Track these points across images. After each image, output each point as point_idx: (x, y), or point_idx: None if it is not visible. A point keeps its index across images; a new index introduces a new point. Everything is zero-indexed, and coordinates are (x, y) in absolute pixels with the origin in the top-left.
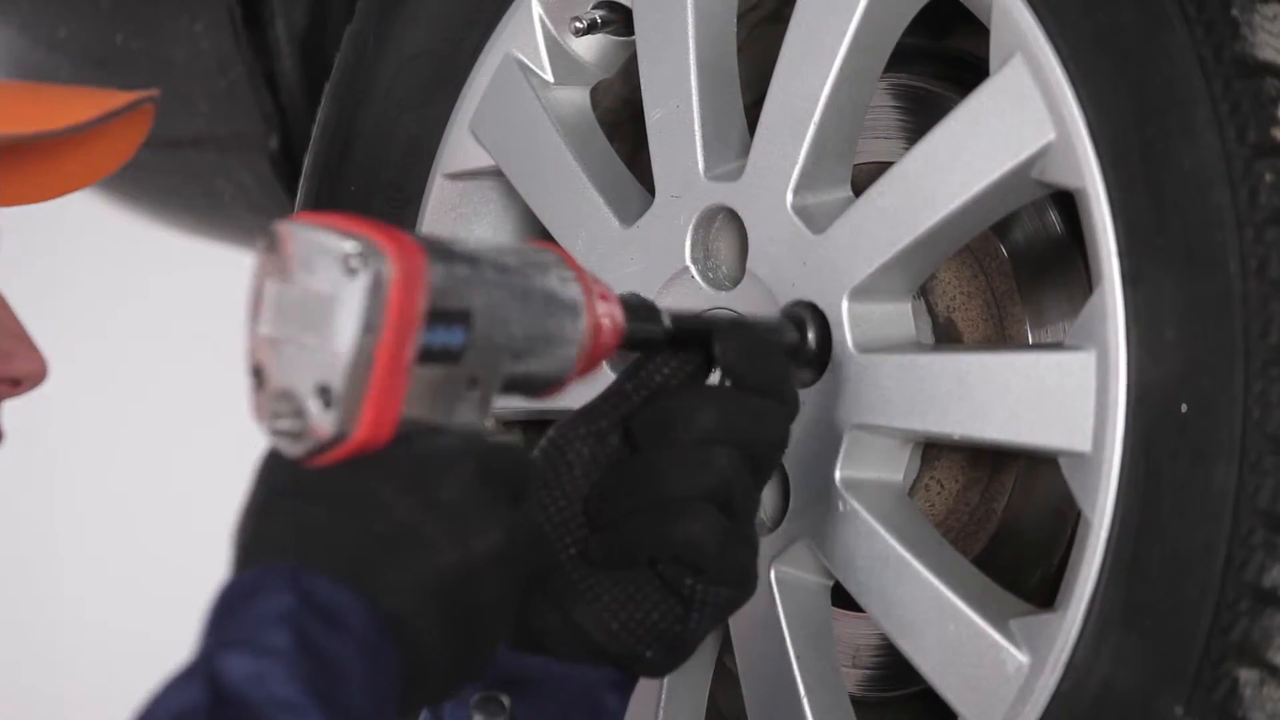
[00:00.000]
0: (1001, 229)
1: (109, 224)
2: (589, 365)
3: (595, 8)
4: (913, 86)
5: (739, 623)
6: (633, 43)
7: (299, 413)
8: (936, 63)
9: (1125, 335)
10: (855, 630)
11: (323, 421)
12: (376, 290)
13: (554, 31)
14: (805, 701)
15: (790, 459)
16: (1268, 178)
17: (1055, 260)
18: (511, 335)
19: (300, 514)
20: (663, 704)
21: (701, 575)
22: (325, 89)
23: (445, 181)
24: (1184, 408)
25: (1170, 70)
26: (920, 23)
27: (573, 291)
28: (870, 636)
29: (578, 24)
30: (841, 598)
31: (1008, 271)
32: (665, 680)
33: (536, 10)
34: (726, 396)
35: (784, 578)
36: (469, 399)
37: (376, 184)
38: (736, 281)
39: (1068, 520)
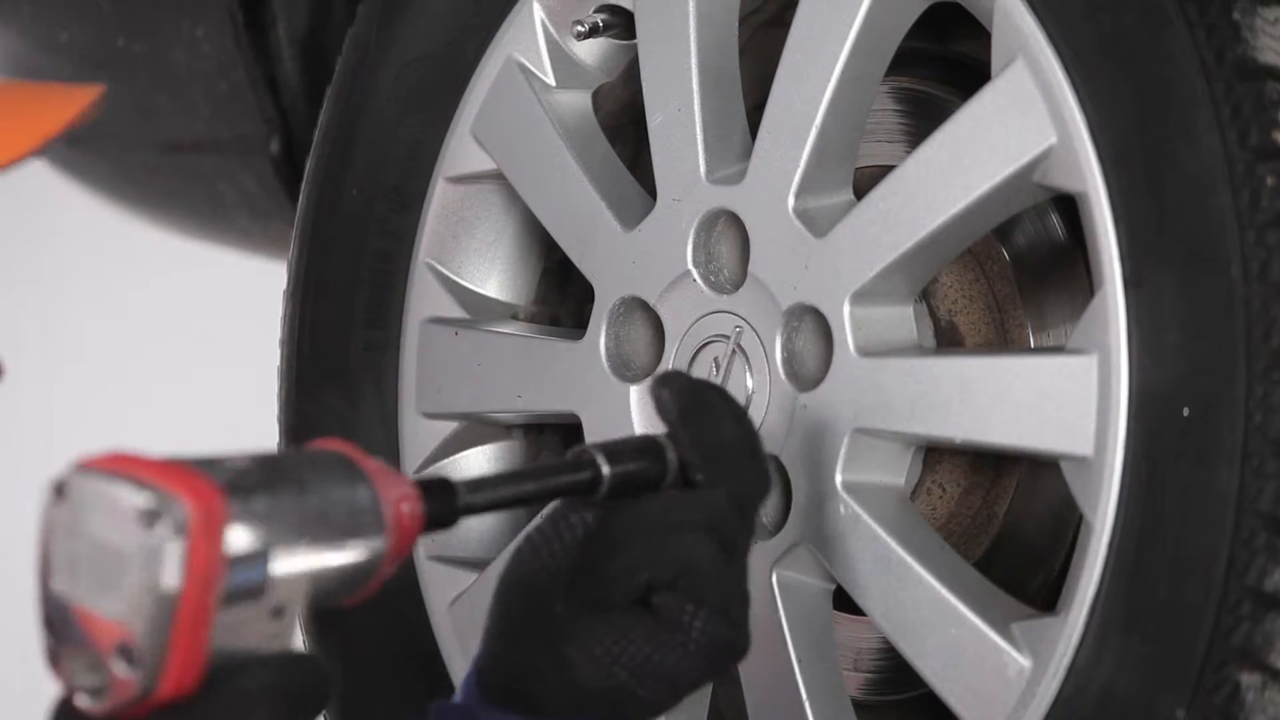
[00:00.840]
0: (1003, 232)
1: (110, 227)
2: (396, 559)
3: (597, 11)
4: (915, 90)
5: None
6: (634, 46)
7: (99, 669)
8: (938, 66)
9: (1127, 339)
10: (857, 634)
11: (126, 679)
12: (174, 547)
13: (555, 35)
14: (807, 705)
15: (792, 463)
16: (1269, 181)
17: (1057, 263)
18: (315, 558)
19: None
20: None
21: (701, 603)
22: (327, 92)
23: (447, 185)
24: (1186, 411)
25: (1172, 73)
26: (922, 26)
27: (369, 495)
28: (872, 640)
29: (579, 28)
30: (843, 601)
31: (1009, 275)
32: None
33: (538, 14)
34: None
35: (785, 581)
36: (274, 627)
37: (378, 187)
38: (738, 285)
39: (1069, 524)
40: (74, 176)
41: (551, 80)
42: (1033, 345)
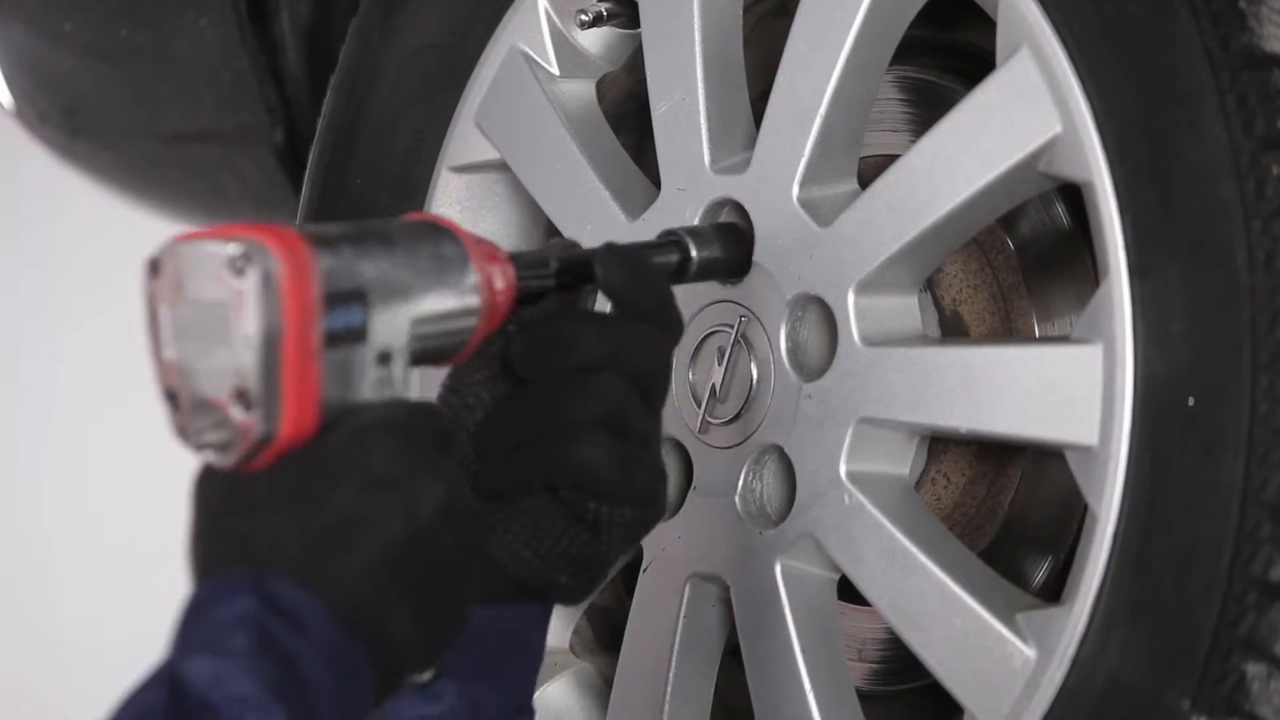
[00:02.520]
0: (1008, 222)
1: (113, 217)
2: (490, 324)
3: (601, 0)
4: (919, 79)
5: (745, 616)
6: (638, 35)
7: (222, 423)
8: (943, 56)
9: (1132, 328)
10: (861, 624)
11: (248, 425)
12: (268, 285)
13: (559, 24)
14: (811, 696)
15: (796, 453)
16: (1275, 170)
17: (1061, 253)
18: (410, 304)
19: (246, 523)
20: (668, 699)
21: (603, 499)
22: (330, 82)
23: (450, 174)
24: (1191, 401)
25: (1177, 62)
26: (927, 15)
27: (459, 252)
28: (876, 630)
29: (583, 16)
30: (847, 592)
31: (1014, 264)
32: (671, 675)
33: (542, 3)
34: (605, 322)
35: (790, 572)
36: (383, 374)
37: (381, 177)
38: (742, 276)
39: (1074, 514)
40: (77, 166)
41: (555, 69)
42: (1037, 335)
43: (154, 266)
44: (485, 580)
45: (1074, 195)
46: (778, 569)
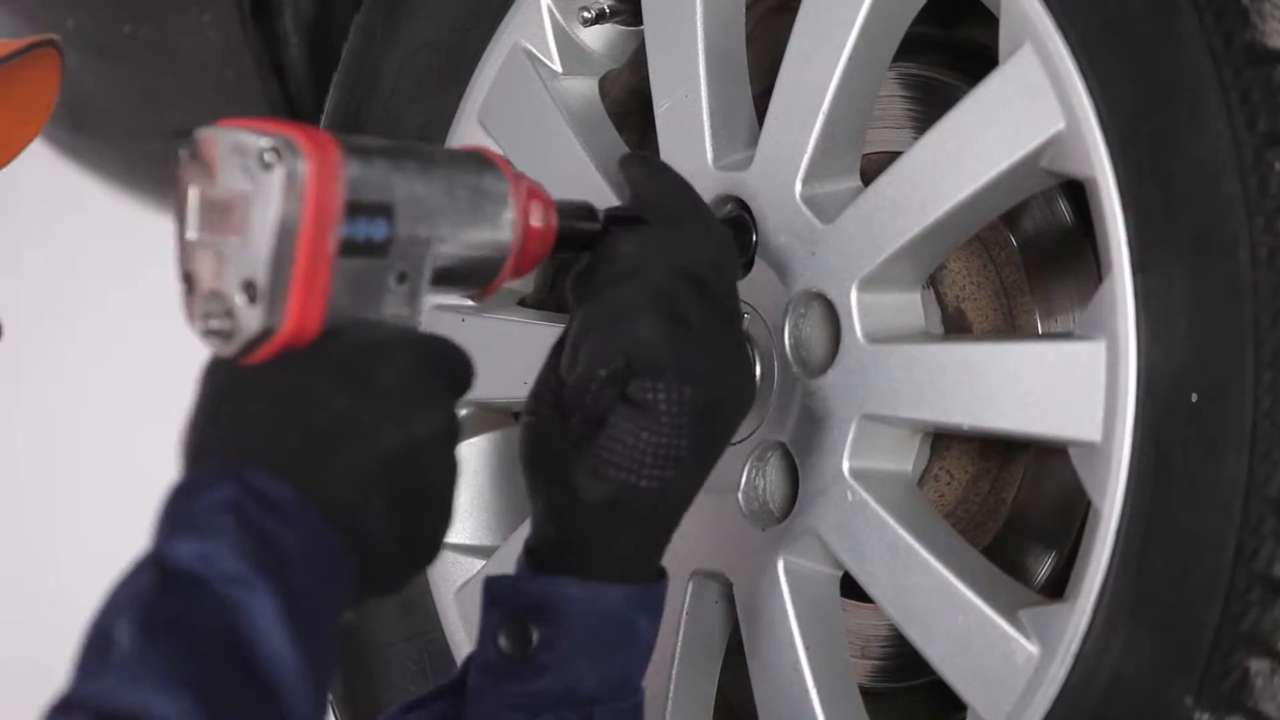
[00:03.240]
0: (1011, 219)
1: (117, 214)
2: (522, 263)
3: None
4: (922, 76)
5: (747, 613)
6: (641, 33)
7: (228, 311)
8: (946, 52)
9: (1135, 324)
10: (865, 621)
11: (250, 316)
12: (292, 182)
13: (562, 21)
14: (813, 692)
15: (799, 449)
16: (1278, 166)
17: (1065, 250)
18: (437, 228)
19: (240, 414)
20: (671, 695)
21: (658, 376)
22: (333, 79)
23: None
24: (1194, 397)
25: (1180, 58)
26: (930, 12)
27: (500, 187)
28: (880, 627)
29: (586, 14)
30: (851, 589)
31: (1017, 261)
32: (674, 672)
33: (545, 0)
34: (645, 232)
35: (793, 568)
36: (398, 293)
37: None
38: (745, 271)
39: (1078, 510)
40: (80, 163)
41: (558, 66)
42: (1040, 331)
43: (191, 149)
44: (576, 523)
45: (1077, 192)
46: (780, 566)
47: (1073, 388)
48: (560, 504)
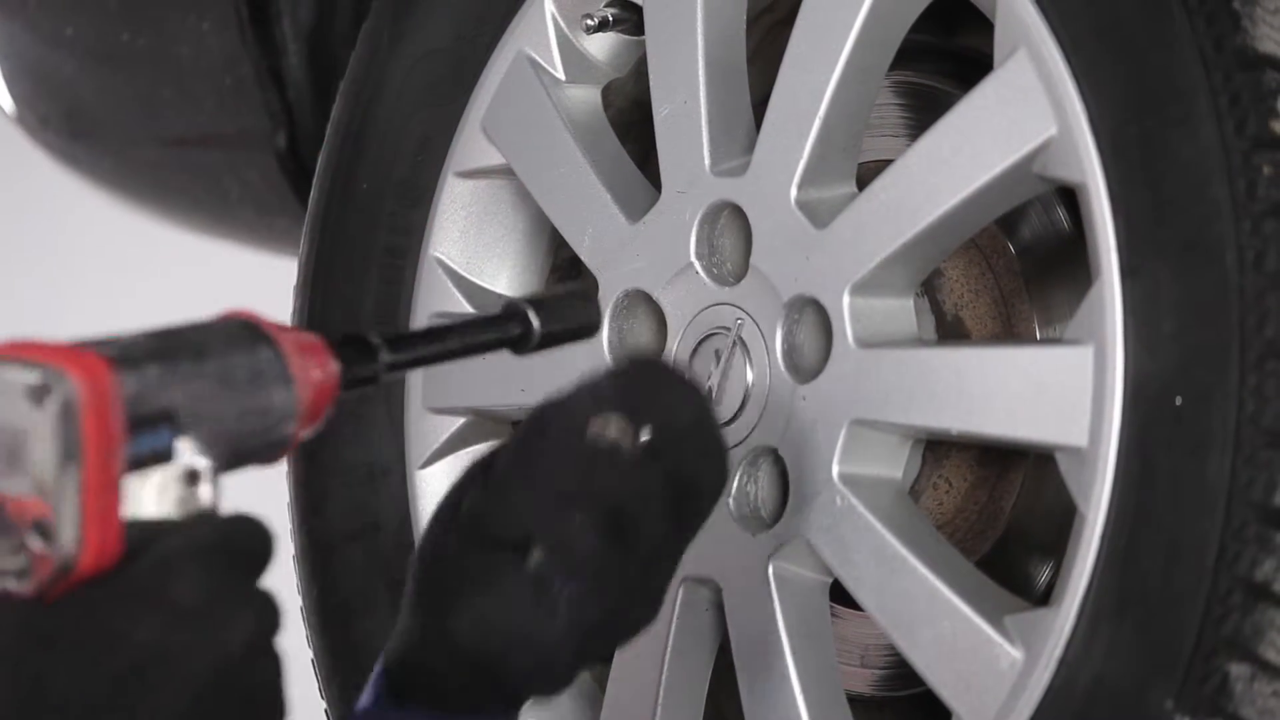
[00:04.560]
0: (1009, 226)
1: (115, 222)
2: (312, 420)
3: (607, 5)
4: (920, 85)
5: (736, 619)
6: (644, 42)
7: (19, 549)
8: (944, 60)
9: (1123, 329)
10: (863, 630)
11: (46, 553)
12: (68, 415)
13: (566, 29)
14: (801, 699)
15: (790, 454)
16: (1266, 170)
17: (1063, 257)
18: (221, 420)
19: (41, 664)
20: (661, 702)
21: (571, 576)
22: (340, 86)
23: (456, 180)
24: (1179, 400)
25: (1170, 62)
26: (927, 20)
27: (274, 360)
28: (878, 636)
29: (589, 21)
30: (850, 597)
31: (1015, 269)
32: (664, 678)
33: (549, 8)
34: (655, 407)
35: (782, 574)
36: (192, 492)
37: (388, 182)
38: (740, 277)
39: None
40: (78, 171)
41: (561, 75)
42: (1039, 338)
43: None
44: (442, 660)
45: (1074, 199)
46: (770, 571)
47: (1060, 393)
48: (435, 639)
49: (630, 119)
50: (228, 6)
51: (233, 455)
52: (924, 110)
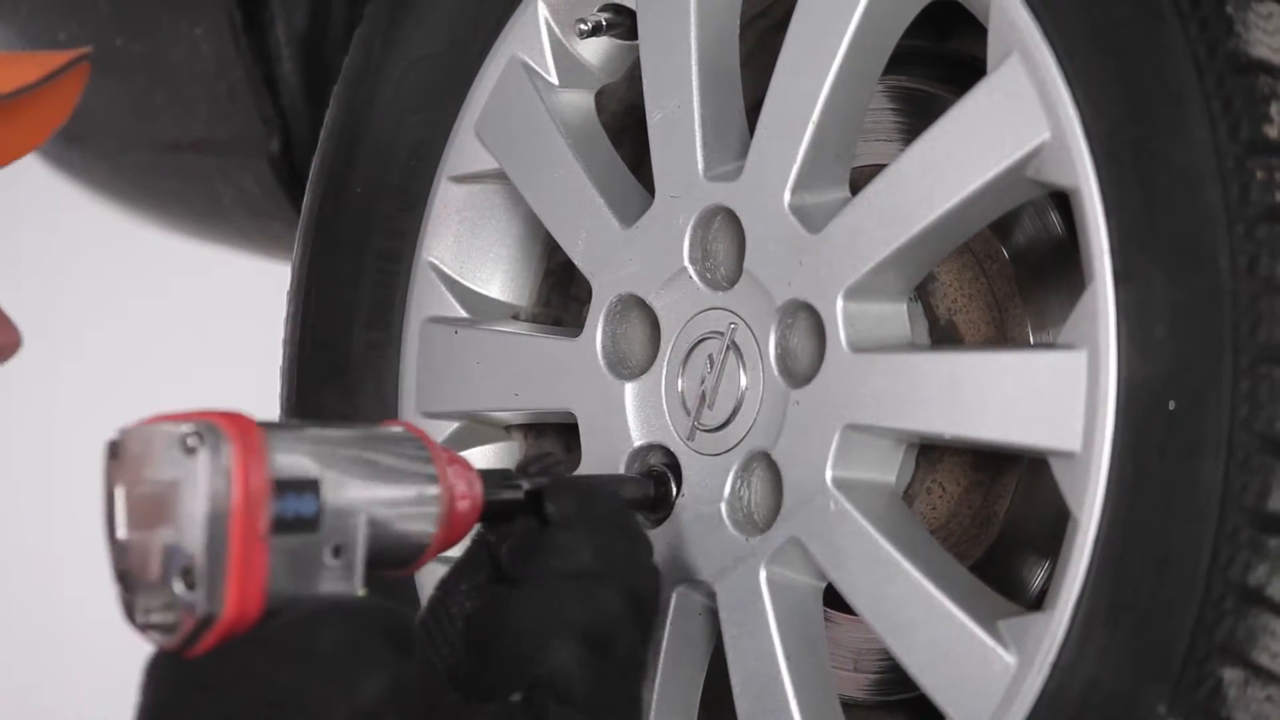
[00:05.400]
0: (1003, 231)
1: (110, 227)
2: (450, 535)
3: (600, 10)
4: (915, 89)
5: (730, 624)
6: (637, 47)
7: (168, 604)
8: (939, 65)
9: (1116, 333)
10: (857, 635)
11: (190, 604)
12: (217, 463)
13: (559, 34)
14: (793, 702)
15: (783, 459)
16: (1259, 175)
17: (1057, 262)
18: (367, 501)
19: (189, 707)
20: (654, 706)
21: (566, 703)
22: (334, 91)
23: (450, 184)
24: (1172, 405)
25: (1164, 67)
26: (922, 25)
27: (425, 464)
28: (872, 641)
29: (582, 26)
30: (844, 602)
31: (1009, 274)
32: (657, 683)
33: (543, 13)
34: (600, 532)
35: (775, 578)
36: (334, 567)
37: (382, 186)
38: (734, 281)
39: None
40: (72, 176)
41: (554, 79)
42: (1032, 343)
43: (113, 449)
44: None
45: (1069, 204)
46: (762, 576)
47: (1053, 397)
48: None
49: (624, 124)
50: (221, 12)
51: (376, 541)
52: (918, 115)
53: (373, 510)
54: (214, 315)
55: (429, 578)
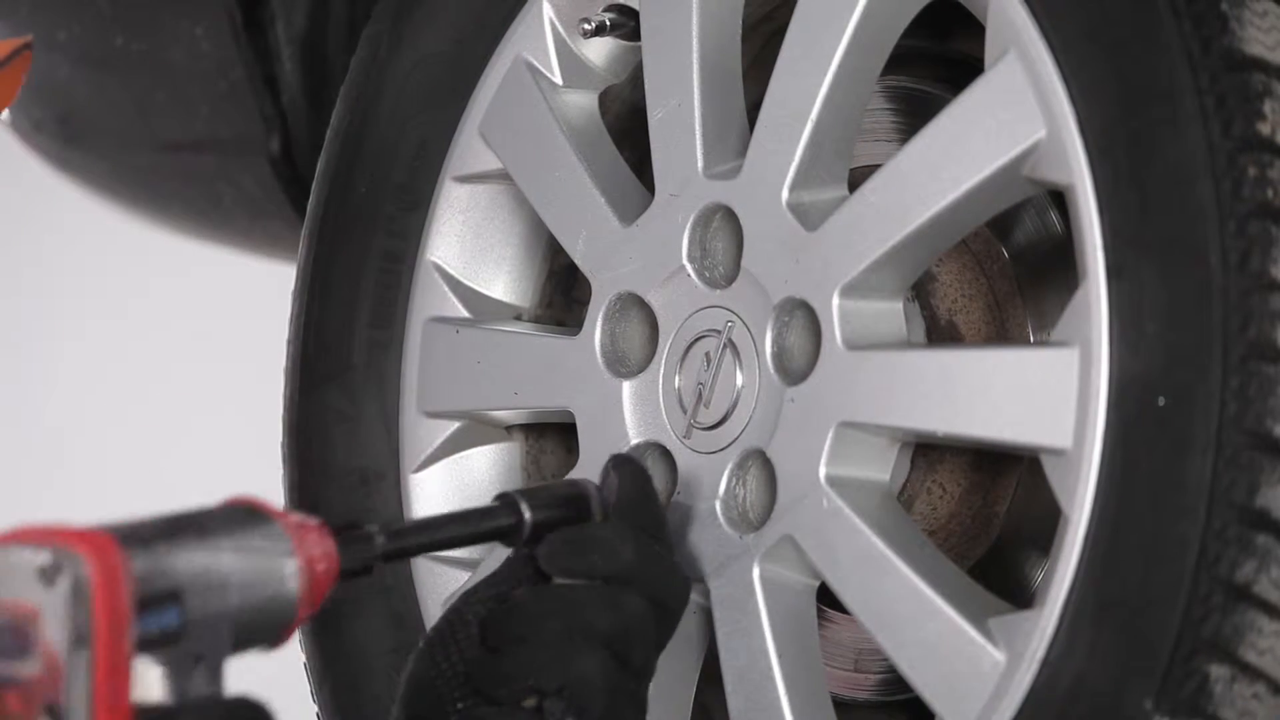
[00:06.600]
0: (1003, 230)
1: (111, 227)
2: (313, 604)
3: (605, 10)
4: (914, 89)
5: (723, 621)
6: (641, 48)
7: None
8: (938, 65)
9: (1108, 329)
10: (857, 634)
11: None
12: (79, 595)
13: (564, 34)
14: (785, 701)
15: (778, 456)
16: (1251, 171)
17: (1057, 261)
18: (228, 599)
19: None
20: (649, 703)
21: (582, 716)
22: (340, 91)
23: (454, 184)
24: (1162, 401)
25: (1158, 63)
26: (921, 25)
27: (280, 541)
28: (871, 640)
29: (586, 26)
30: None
31: (1009, 273)
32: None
33: (547, 13)
34: (637, 537)
35: (768, 576)
36: (198, 672)
37: (386, 186)
38: (731, 280)
39: None
40: (72, 176)
41: (559, 80)
42: (1031, 342)
43: None
44: None
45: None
46: (755, 573)
47: (1045, 395)
48: None
49: (627, 125)
50: (221, 11)
51: (237, 637)
52: (917, 115)
53: (235, 607)
54: (214, 315)
55: (430, 593)
